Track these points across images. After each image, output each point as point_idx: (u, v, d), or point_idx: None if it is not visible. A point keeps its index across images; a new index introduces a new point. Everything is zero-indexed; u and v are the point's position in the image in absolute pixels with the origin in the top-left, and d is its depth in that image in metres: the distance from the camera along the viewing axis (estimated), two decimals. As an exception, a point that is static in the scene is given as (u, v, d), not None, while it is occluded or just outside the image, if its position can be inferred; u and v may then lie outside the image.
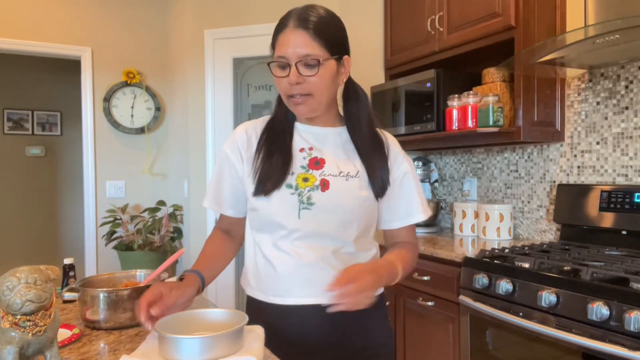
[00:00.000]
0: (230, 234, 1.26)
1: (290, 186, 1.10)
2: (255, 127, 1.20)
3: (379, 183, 1.14)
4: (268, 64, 1.10)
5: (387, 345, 1.22)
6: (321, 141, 1.17)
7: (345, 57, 1.14)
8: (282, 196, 1.09)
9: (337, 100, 1.20)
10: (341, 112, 1.22)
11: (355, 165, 1.15)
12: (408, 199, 1.20)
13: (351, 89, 1.20)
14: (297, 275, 1.10)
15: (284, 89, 1.09)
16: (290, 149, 1.14)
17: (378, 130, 1.22)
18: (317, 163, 1.13)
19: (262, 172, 1.11)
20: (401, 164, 1.20)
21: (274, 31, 1.10)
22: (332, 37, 1.09)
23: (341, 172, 1.12)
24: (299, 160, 1.13)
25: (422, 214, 1.21)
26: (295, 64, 1.04)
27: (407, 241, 1.23)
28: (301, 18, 1.06)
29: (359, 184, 1.13)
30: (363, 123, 1.18)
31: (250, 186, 1.13)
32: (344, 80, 1.16)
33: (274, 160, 1.11)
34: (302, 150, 1.15)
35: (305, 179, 1.11)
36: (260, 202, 1.11)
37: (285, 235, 1.11)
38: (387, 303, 1.34)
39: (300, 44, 1.04)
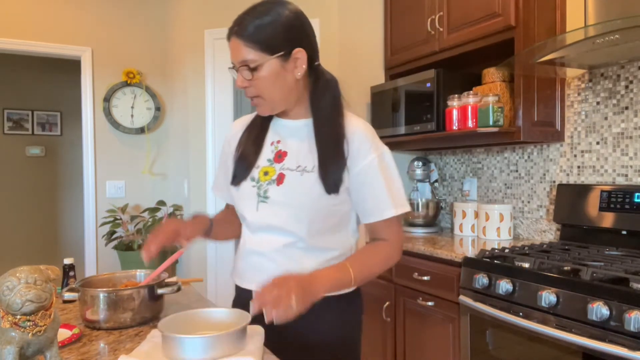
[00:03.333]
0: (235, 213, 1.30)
1: (253, 179, 1.17)
2: (245, 121, 1.28)
3: (330, 179, 1.11)
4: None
5: (346, 340, 1.21)
6: (290, 134, 1.19)
7: (296, 50, 1.09)
8: (246, 188, 1.18)
9: (304, 92, 1.17)
10: None
11: (314, 159, 1.13)
12: (374, 193, 1.14)
13: (317, 78, 1.17)
14: (252, 262, 1.19)
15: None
16: (261, 143, 1.20)
17: (347, 119, 1.17)
18: (279, 156, 1.17)
19: (236, 164, 1.20)
20: (365, 157, 1.13)
21: None
22: (270, 38, 1.06)
23: (299, 166, 1.14)
24: (267, 153, 1.19)
25: (392, 209, 1.14)
26: (239, 69, 1.09)
27: (382, 238, 1.19)
28: (236, 24, 1.08)
29: (313, 179, 1.12)
30: (326, 114, 1.15)
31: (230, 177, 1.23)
32: (300, 73, 1.11)
33: (246, 154, 1.20)
34: (272, 143, 1.20)
35: (266, 173, 1.16)
36: (234, 192, 1.21)
37: (248, 225, 1.20)
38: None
39: (236, 51, 1.08)
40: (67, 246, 5.11)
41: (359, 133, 1.15)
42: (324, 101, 1.16)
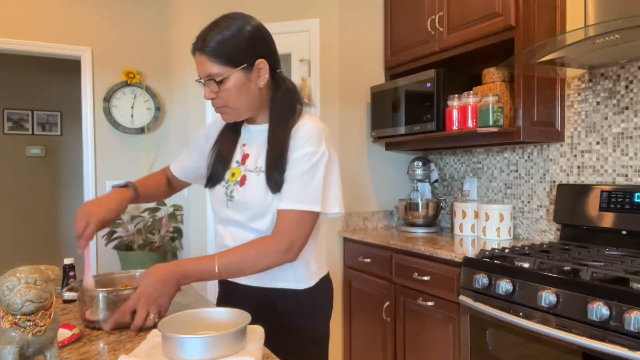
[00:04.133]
0: (171, 182, 1.48)
1: (224, 179, 1.28)
2: (215, 124, 1.38)
3: (272, 180, 1.17)
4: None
5: (310, 334, 1.29)
6: (254, 138, 1.28)
7: (258, 61, 1.16)
8: (218, 188, 1.28)
9: (267, 98, 1.24)
10: None
11: (265, 161, 1.22)
12: (287, 184, 1.17)
13: (278, 86, 1.24)
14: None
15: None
16: (235, 146, 1.30)
17: (300, 120, 1.20)
18: (244, 158, 1.27)
19: (212, 167, 1.29)
20: (299, 149, 1.16)
21: None
22: (233, 51, 1.13)
23: (257, 167, 1.23)
24: (236, 156, 1.29)
25: (289, 203, 1.15)
26: (206, 82, 1.16)
27: (274, 230, 1.18)
28: (200, 40, 1.14)
29: (266, 180, 1.20)
30: (281, 119, 1.21)
31: (204, 179, 1.34)
32: (263, 82, 1.19)
33: (220, 157, 1.29)
34: (241, 147, 1.30)
35: (233, 174, 1.26)
36: (208, 191, 1.33)
37: (221, 221, 1.30)
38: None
39: (201, 66, 1.15)
40: (67, 246, 5.11)
41: (303, 128, 1.19)
42: (282, 107, 1.22)
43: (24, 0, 3.12)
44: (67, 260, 1.50)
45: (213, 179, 1.29)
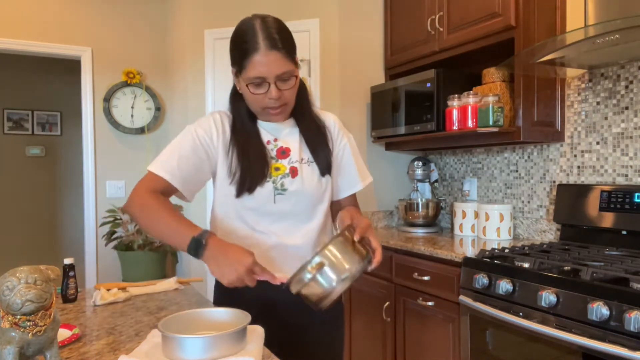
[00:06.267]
0: (165, 195, 1.25)
1: (267, 176, 1.25)
2: (223, 123, 1.28)
3: (324, 163, 1.29)
4: (247, 85, 1.17)
5: (339, 319, 1.38)
6: (280, 134, 1.30)
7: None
8: (259, 188, 1.23)
9: None
10: None
11: (308, 151, 1.30)
12: (351, 170, 1.37)
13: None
14: (277, 252, 1.24)
15: (262, 103, 1.19)
16: (262, 145, 1.25)
17: (317, 113, 1.35)
18: (283, 152, 1.27)
19: (241, 171, 1.21)
20: (341, 141, 1.36)
21: (243, 52, 1.15)
22: (294, 50, 1.20)
23: (302, 158, 1.28)
24: (269, 152, 1.27)
25: (361, 183, 1.38)
26: (276, 81, 1.15)
27: (351, 205, 1.37)
28: (271, 38, 1.14)
29: (316, 167, 1.29)
30: (306, 114, 1.32)
31: (227, 187, 1.23)
32: None
33: (251, 160, 1.22)
34: (268, 142, 1.28)
35: (277, 169, 1.25)
36: (245, 196, 1.23)
37: (263, 219, 1.24)
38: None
39: (277, 64, 1.14)
40: (67, 246, 5.11)
41: (334, 122, 1.36)
42: (301, 104, 1.30)
43: (24, 0, 3.12)
44: (67, 260, 1.49)
45: (253, 182, 1.21)
